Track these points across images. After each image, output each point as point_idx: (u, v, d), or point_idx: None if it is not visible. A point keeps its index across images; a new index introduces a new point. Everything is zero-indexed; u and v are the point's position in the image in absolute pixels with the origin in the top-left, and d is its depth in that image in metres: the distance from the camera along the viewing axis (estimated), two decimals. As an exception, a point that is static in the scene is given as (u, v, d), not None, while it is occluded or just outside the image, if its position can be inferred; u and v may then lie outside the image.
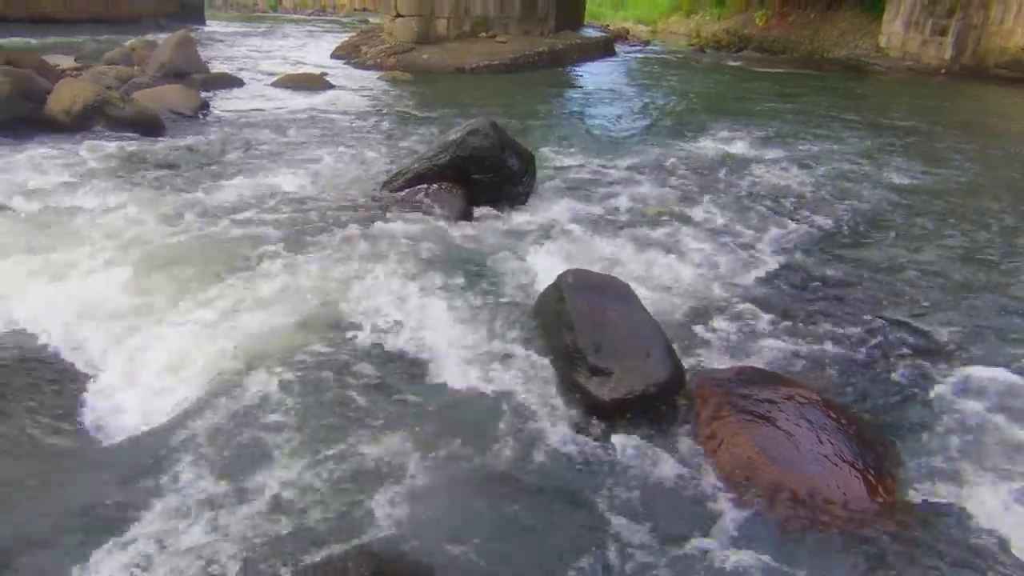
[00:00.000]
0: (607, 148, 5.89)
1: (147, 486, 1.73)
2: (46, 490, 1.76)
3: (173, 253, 2.99)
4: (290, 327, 2.43)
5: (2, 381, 2.19)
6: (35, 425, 2.03)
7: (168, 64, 7.77)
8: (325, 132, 5.77)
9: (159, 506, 1.65)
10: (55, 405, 2.13)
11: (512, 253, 3.19)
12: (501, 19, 13.03)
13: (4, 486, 1.76)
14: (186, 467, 1.78)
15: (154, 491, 1.71)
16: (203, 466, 1.78)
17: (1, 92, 4.99)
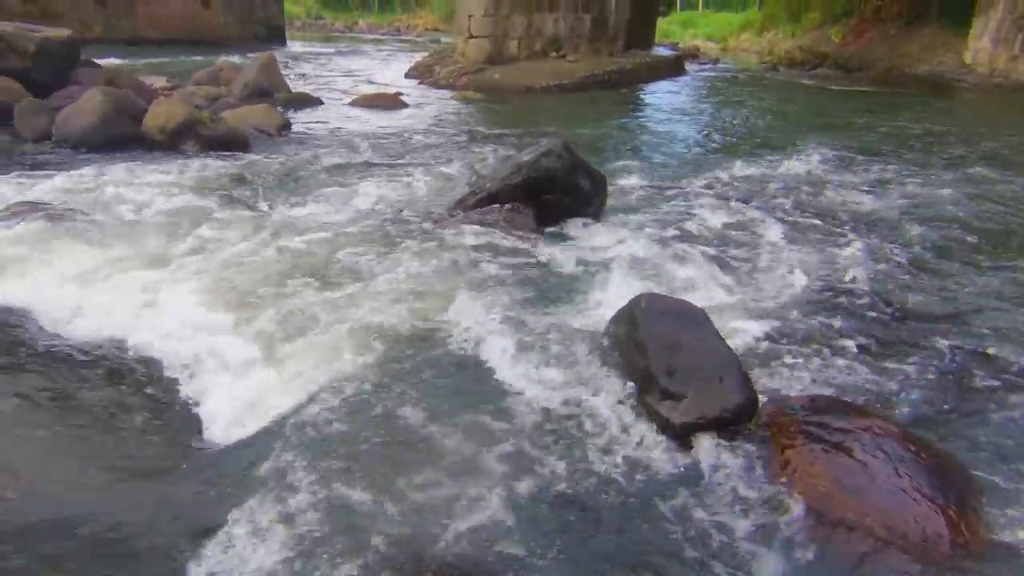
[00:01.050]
0: (678, 168, 5.88)
1: (233, 493, 1.81)
2: (139, 494, 1.87)
3: (258, 266, 3.14)
4: (367, 343, 2.52)
5: (97, 388, 2.33)
6: (130, 430, 2.16)
7: (252, 84, 8.14)
8: (399, 151, 5.95)
9: (244, 512, 1.73)
10: (149, 411, 2.26)
11: (583, 273, 3.23)
12: (571, 39, 13.14)
13: (100, 490, 1.86)
14: (270, 476, 1.86)
15: (240, 497, 1.79)
16: (284, 476, 1.86)
17: (103, 111, 5.35)
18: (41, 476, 1.88)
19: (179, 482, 1.91)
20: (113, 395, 2.32)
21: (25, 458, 1.94)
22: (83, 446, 2.05)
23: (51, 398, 2.24)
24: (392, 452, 1.96)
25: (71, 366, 2.46)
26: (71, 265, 3.12)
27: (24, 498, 1.78)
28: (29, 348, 2.52)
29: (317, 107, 8.21)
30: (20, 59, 6.31)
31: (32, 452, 1.97)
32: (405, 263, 3.24)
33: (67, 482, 1.87)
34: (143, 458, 2.02)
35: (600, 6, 13.57)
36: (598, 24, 13.75)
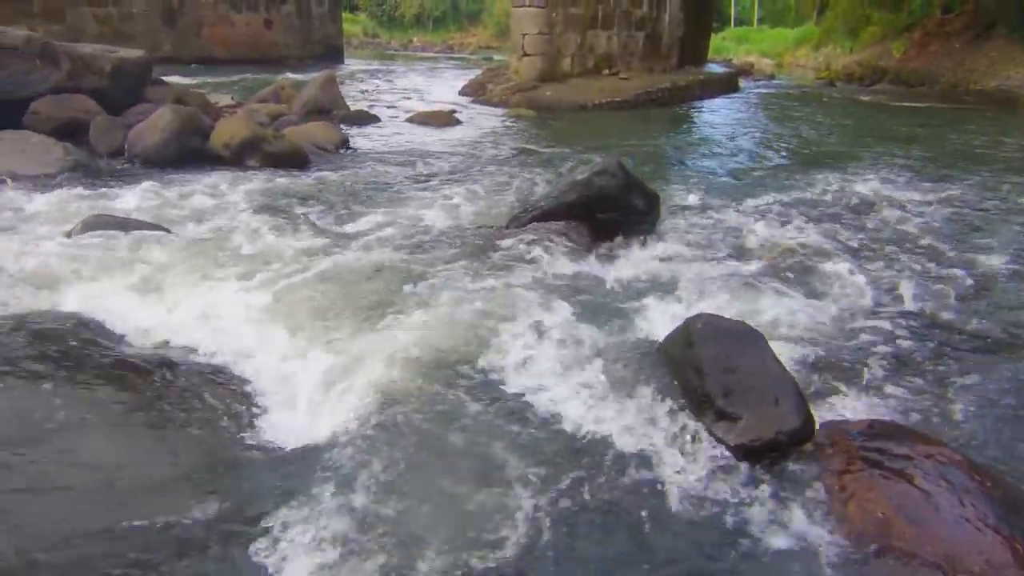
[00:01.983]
0: (731, 186, 5.84)
1: (294, 498, 1.87)
2: (200, 498, 1.94)
3: (318, 280, 3.23)
4: (422, 357, 2.57)
5: (165, 396, 2.42)
6: (194, 437, 2.24)
7: (312, 102, 8.39)
8: (454, 167, 6.05)
9: (303, 519, 1.79)
10: (212, 419, 2.34)
11: (637, 292, 3.24)
12: (624, 56, 13.16)
13: (165, 492, 1.95)
14: (330, 484, 1.92)
15: (293, 503, 1.85)
16: (343, 485, 1.91)
17: (173, 128, 5.59)
18: (111, 479, 1.97)
19: (237, 488, 1.98)
20: (179, 403, 2.41)
21: (97, 461, 2.03)
22: (150, 451, 2.14)
23: (122, 404, 2.34)
24: (444, 466, 2.00)
25: (141, 374, 2.56)
26: (141, 276, 3.26)
27: (97, 499, 1.88)
28: (102, 356, 2.63)
29: (374, 124, 8.41)
30: (97, 78, 6.63)
31: (104, 455, 2.07)
32: (459, 279, 3.29)
33: (135, 485, 1.96)
34: (204, 464, 2.10)
35: (654, 24, 13.57)
36: (651, 41, 13.74)
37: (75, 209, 4.26)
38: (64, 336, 2.65)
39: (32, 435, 2.07)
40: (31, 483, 1.89)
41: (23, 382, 2.32)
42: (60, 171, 5.03)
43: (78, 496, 1.88)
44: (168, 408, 2.34)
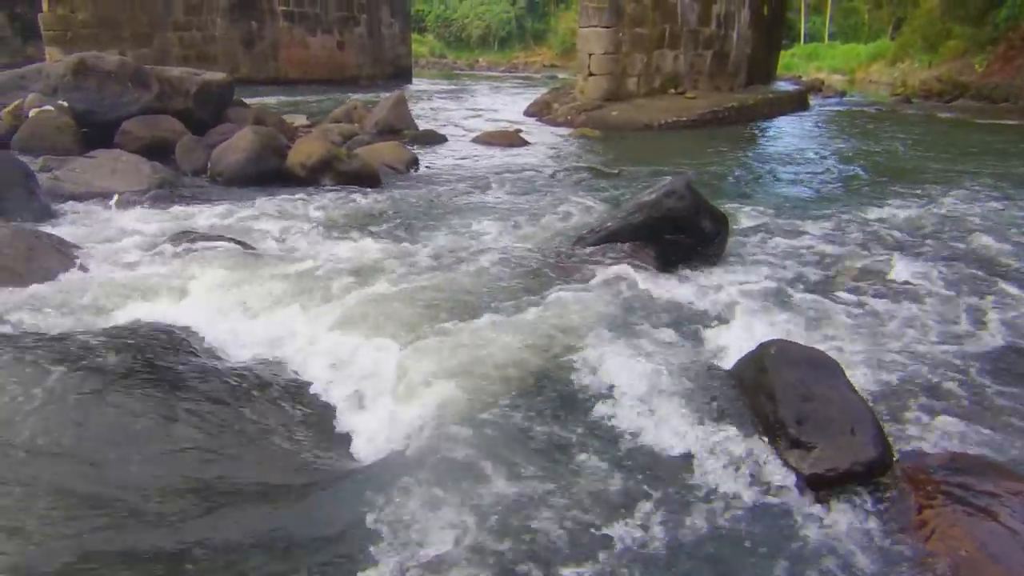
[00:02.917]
0: (802, 207, 5.73)
1: (373, 511, 1.92)
2: (283, 503, 2.03)
3: (392, 297, 3.32)
4: (493, 374, 2.62)
5: (249, 406, 2.52)
6: (279, 447, 2.33)
7: (383, 122, 8.63)
8: (521, 187, 6.12)
9: (383, 528, 1.84)
10: (296, 430, 2.43)
11: (705, 315, 3.22)
12: (691, 75, 13.09)
13: (249, 501, 2.03)
14: (406, 497, 1.97)
15: (378, 512, 1.90)
16: (419, 497, 1.96)
17: (253, 148, 5.84)
18: (199, 486, 2.06)
19: (317, 498, 2.05)
20: (261, 412, 2.51)
21: (184, 467, 2.13)
22: (234, 459, 2.23)
23: (207, 413, 2.45)
24: (520, 481, 2.03)
25: (225, 384, 2.68)
26: (225, 291, 3.41)
27: (187, 503, 1.97)
28: (189, 366, 2.76)
29: (442, 144, 8.59)
30: (183, 100, 6.99)
31: (190, 462, 2.17)
32: (528, 298, 3.33)
33: (221, 491, 2.05)
34: (286, 473, 2.18)
35: (721, 43, 13.47)
36: (719, 60, 13.64)
37: (162, 225, 4.49)
38: (153, 346, 2.80)
39: (123, 440, 2.18)
40: (122, 484, 2.00)
41: (116, 390, 2.44)
42: (148, 188, 5.31)
43: (168, 500, 1.98)
44: (250, 417, 2.44)
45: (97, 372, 2.47)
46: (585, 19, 11.62)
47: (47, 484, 1.94)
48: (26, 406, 2.20)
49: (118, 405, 2.35)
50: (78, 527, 1.80)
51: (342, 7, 19.72)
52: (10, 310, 3.01)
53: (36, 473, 1.96)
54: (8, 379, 2.31)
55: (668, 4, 12.20)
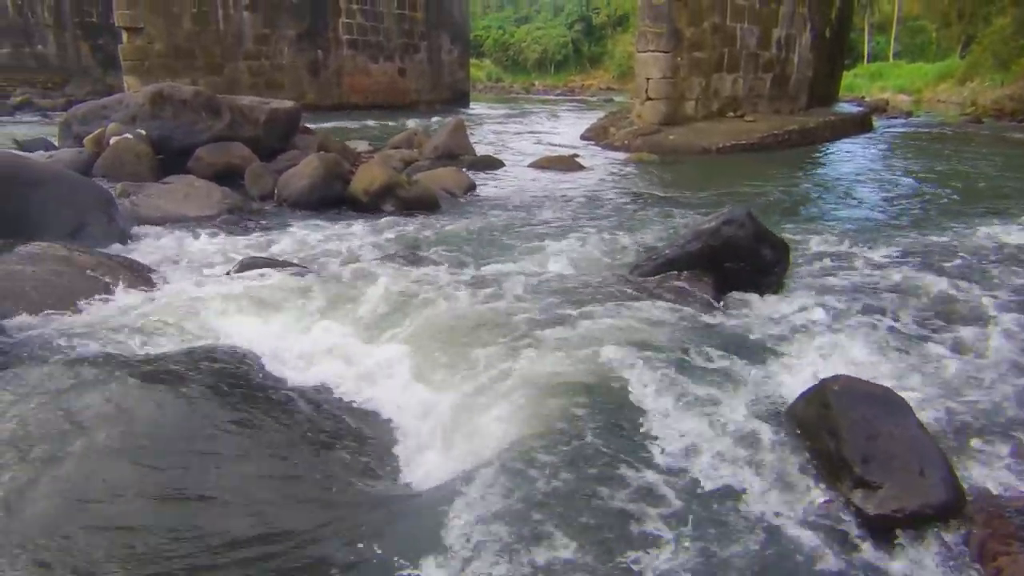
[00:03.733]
0: (866, 234, 5.59)
1: (431, 534, 1.96)
2: (349, 526, 2.07)
3: (451, 321, 3.39)
4: (552, 399, 2.63)
5: (307, 427, 2.60)
6: (333, 468, 2.39)
7: (442, 147, 8.80)
8: (577, 213, 6.16)
9: (433, 556, 1.87)
10: (351, 452, 2.50)
11: (764, 347, 3.17)
12: (750, 98, 12.96)
13: (315, 519, 2.09)
14: (464, 520, 1.99)
15: (436, 541, 1.93)
16: (476, 521, 1.98)
17: (318, 175, 6.04)
18: (253, 506, 2.13)
19: (376, 518, 2.10)
20: (323, 434, 2.58)
21: (240, 488, 2.20)
22: (297, 480, 2.30)
23: (272, 433, 2.54)
24: (575, 509, 2.04)
25: (290, 405, 2.77)
26: (291, 314, 3.53)
27: (237, 525, 2.04)
28: (249, 389, 2.85)
29: (499, 169, 8.70)
30: (253, 127, 7.28)
31: (247, 483, 2.23)
32: (582, 326, 3.35)
33: (282, 509, 2.12)
34: (346, 494, 2.24)
35: (782, 66, 13.32)
36: (779, 82, 13.49)
37: (232, 249, 4.67)
38: (223, 368, 2.91)
39: (192, 455, 2.27)
40: (191, 497, 2.08)
41: (187, 409, 2.54)
42: (219, 213, 5.53)
43: (233, 515, 2.06)
44: (313, 439, 2.51)
45: (170, 390, 2.59)
46: (643, 44, 11.65)
47: (123, 490, 2.03)
48: (106, 420, 2.32)
49: (188, 421, 2.46)
50: (153, 535, 1.89)
51: (404, 35, 20.26)
52: (92, 330, 3.18)
53: (113, 479, 2.06)
54: (91, 394, 2.44)
55: (727, 28, 12.14)
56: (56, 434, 2.20)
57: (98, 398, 2.42)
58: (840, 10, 15.01)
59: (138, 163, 6.43)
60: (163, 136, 6.81)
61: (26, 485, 1.99)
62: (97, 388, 2.49)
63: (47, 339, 3.06)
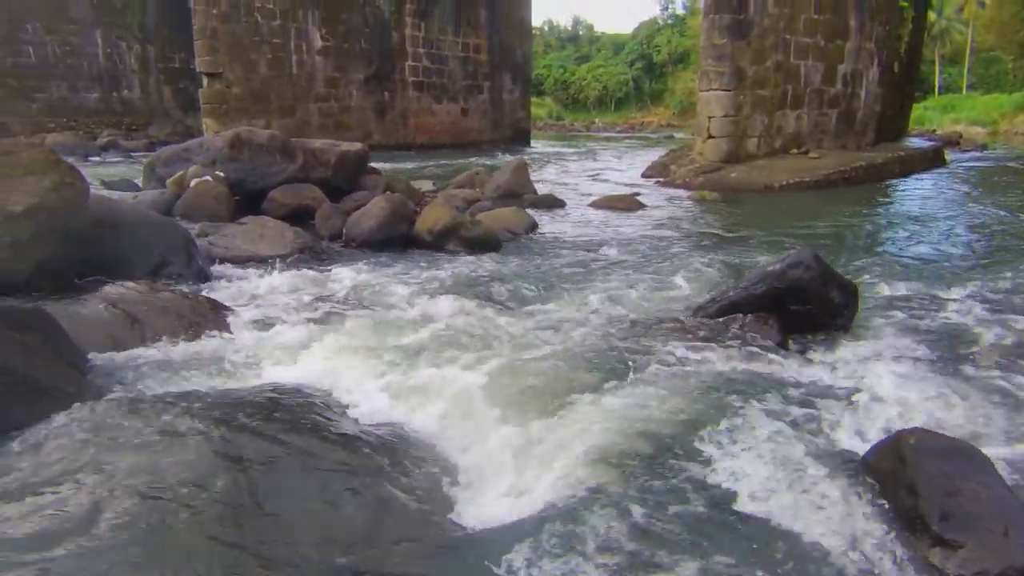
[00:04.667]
0: (939, 275, 5.42)
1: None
2: (409, 563, 2.11)
3: (511, 365, 3.42)
4: (618, 442, 2.63)
5: (368, 463, 2.64)
6: (394, 505, 2.43)
7: (503, 187, 8.95)
8: (639, 252, 6.15)
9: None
10: (411, 488, 2.53)
11: (833, 395, 3.10)
12: (815, 134, 12.79)
13: (383, 559, 2.12)
14: (533, 564, 2.00)
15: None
16: (545, 565, 1.99)
17: (385, 215, 6.22)
18: (332, 547, 2.19)
19: (447, 560, 2.13)
20: (392, 473, 2.63)
21: (318, 523, 2.26)
22: (368, 520, 2.35)
23: (340, 471, 2.60)
24: (646, 554, 2.02)
25: (358, 444, 2.84)
26: (359, 353, 3.63)
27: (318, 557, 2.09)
28: (323, 426, 2.94)
29: (560, 208, 8.77)
30: (323, 169, 7.56)
31: (325, 520, 2.30)
32: (648, 368, 3.34)
33: (350, 548, 2.17)
34: (415, 535, 2.28)
35: (848, 101, 13.12)
36: (845, 118, 13.27)
37: (303, 288, 4.84)
38: (293, 405, 3.00)
39: (262, 492, 2.34)
40: (261, 533, 2.15)
41: (258, 445, 2.63)
42: (291, 252, 5.74)
43: (300, 551, 2.12)
44: (381, 477, 2.57)
45: (242, 427, 2.69)
46: (705, 83, 11.66)
47: (192, 528, 2.11)
48: (181, 456, 2.41)
49: (259, 459, 2.54)
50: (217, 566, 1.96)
51: (467, 76, 20.80)
52: (172, 367, 3.34)
53: (184, 516, 2.14)
54: (167, 431, 2.56)
55: (791, 66, 12.06)
56: (131, 469, 2.30)
57: (174, 435, 2.52)
58: (909, 43, 14.73)
59: (216, 204, 6.74)
60: (240, 178, 7.13)
61: (100, 516, 2.07)
62: (173, 426, 2.60)
63: (128, 376, 3.23)
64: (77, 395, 2.92)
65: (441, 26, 19.91)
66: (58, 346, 3.13)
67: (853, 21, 12.77)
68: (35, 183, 4.22)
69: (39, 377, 2.87)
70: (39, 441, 2.52)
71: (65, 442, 2.47)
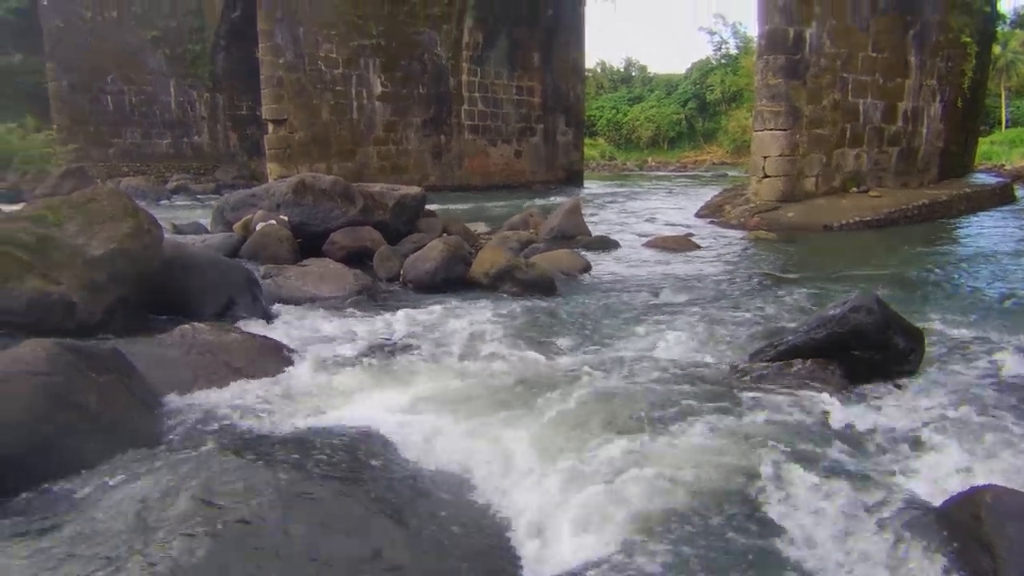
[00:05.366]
0: (1010, 318, 5.22)
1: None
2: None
3: (566, 410, 3.42)
4: (676, 491, 2.60)
5: (426, 507, 2.67)
6: (452, 551, 2.44)
7: (557, 228, 9.03)
8: (694, 294, 6.11)
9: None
10: (469, 534, 2.54)
11: (898, 446, 3.01)
12: (875, 172, 12.55)
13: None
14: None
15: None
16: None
17: (442, 258, 6.34)
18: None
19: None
20: (445, 524, 2.65)
21: (365, 566, 2.28)
22: (417, 559, 2.37)
23: (392, 514, 2.61)
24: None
25: (410, 486, 2.87)
26: (415, 396, 3.69)
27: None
28: (375, 467, 2.97)
29: (614, 249, 8.78)
30: (382, 212, 7.77)
31: (373, 560, 2.31)
32: (702, 416, 3.30)
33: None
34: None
35: (909, 138, 12.86)
36: (906, 155, 13.00)
37: (362, 329, 4.95)
38: (353, 447, 3.06)
39: (320, 536, 2.39)
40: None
41: (320, 488, 2.69)
42: (350, 294, 5.89)
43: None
44: (444, 521, 2.59)
45: (305, 470, 2.75)
46: (760, 123, 11.60)
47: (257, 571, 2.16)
48: (247, 498, 2.48)
49: (323, 502, 2.60)
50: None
51: (521, 119, 21.18)
52: (238, 407, 3.45)
53: (250, 560, 2.19)
54: (234, 472, 2.64)
55: (849, 104, 11.92)
56: (198, 509, 2.37)
57: (240, 477, 2.59)
58: (973, 78, 14.39)
59: (279, 246, 6.99)
60: (302, 221, 7.39)
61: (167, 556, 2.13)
62: (240, 466, 2.68)
63: (197, 416, 3.34)
64: (148, 435, 3.05)
65: (496, 71, 20.40)
66: (132, 386, 3.28)
67: (913, 58, 12.58)
68: (115, 229, 4.47)
69: (114, 417, 3.00)
70: (111, 479, 2.63)
71: (136, 482, 2.57)
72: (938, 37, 12.87)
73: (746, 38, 47.75)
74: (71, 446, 2.76)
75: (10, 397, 2.68)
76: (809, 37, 11.34)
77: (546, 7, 21.56)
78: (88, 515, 2.41)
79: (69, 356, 3.01)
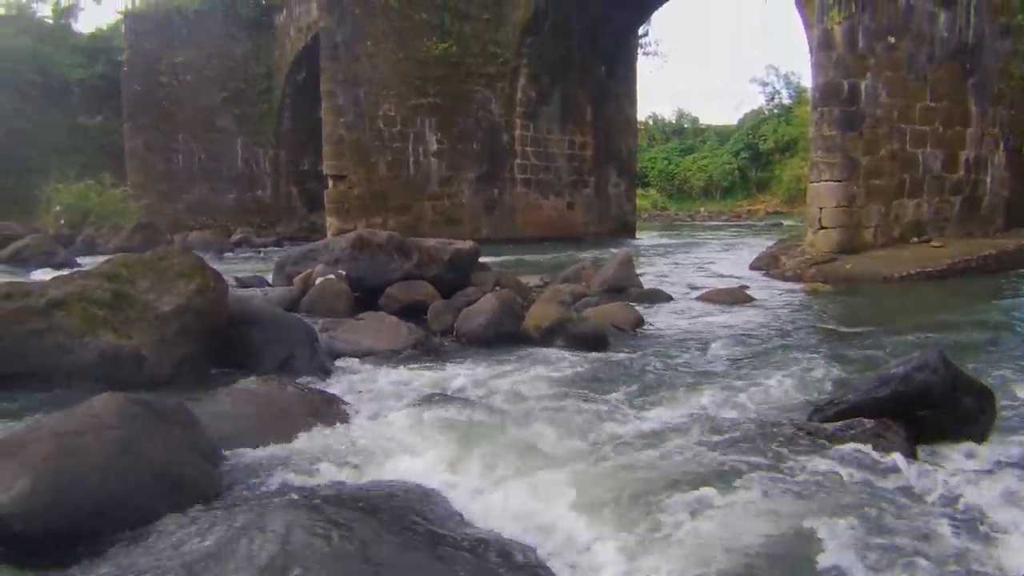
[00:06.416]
0: (1090, 378, 4.97)
1: None
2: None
3: (618, 471, 3.39)
4: (732, 555, 2.54)
5: (473, 565, 2.66)
6: None
7: (610, 281, 9.04)
8: (748, 351, 6.01)
9: None
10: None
11: (968, 514, 2.88)
12: (937, 222, 12.24)
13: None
14: None
15: None
16: None
17: (495, 312, 6.41)
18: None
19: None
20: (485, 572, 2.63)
21: None
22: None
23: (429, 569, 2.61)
24: None
25: (470, 545, 2.86)
26: (469, 454, 3.70)
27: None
28: (431, 523, 2.97)
29: (667, 302, 8.73)
30: (436, 267, 7.94)
31: None
32: (760, 478, 3.22)
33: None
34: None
35: (972, 187, 12.55)
36: (969, 205, 12.66)
37: (416, 383, 5.03)
38: (409, 502, 3.08)
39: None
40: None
41: (379, 545, 2.71)
42: (404, 348, 5.99)
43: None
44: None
45: (360, 527, 2.78)
46: (816, 174, 11.49)
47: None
48: (307, 554, 2.53)
49: (382, 559, 2.62)
50: None
51: (573, 172, 21.45)
52: (297, 463, 3.53)
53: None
54: (294, 527, 2.69)
55: (907, 154, 11.72)
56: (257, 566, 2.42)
57: (300, 532, 2.64)
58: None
59: (337, 300, 7.18)
60: (359, 276, 7.60)
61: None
62: (299, 522, 2.73)
63: (257, 471, 3.42)
64: (210, 489, 3.14)
65: (549, 126, 20.80)
66: (195, 440, 3.39)
67: (974, 107, 12.35)
68: (183, 286, 4.69)
69: (179, 470, 3.11)
70: (175, 533, 2.71)
71: (198, 537, 2.64)
72: (1000, 85, 12.63)
73: (799, 88, 47.63)
74: (139, 499, 2.86)
75: (85, 451, 2.80)
76: (864, 88, 11.26)
77: (598, 65, 22.00)
78: (153, 570, 2.49)
79: (138, 409, 3.14)
